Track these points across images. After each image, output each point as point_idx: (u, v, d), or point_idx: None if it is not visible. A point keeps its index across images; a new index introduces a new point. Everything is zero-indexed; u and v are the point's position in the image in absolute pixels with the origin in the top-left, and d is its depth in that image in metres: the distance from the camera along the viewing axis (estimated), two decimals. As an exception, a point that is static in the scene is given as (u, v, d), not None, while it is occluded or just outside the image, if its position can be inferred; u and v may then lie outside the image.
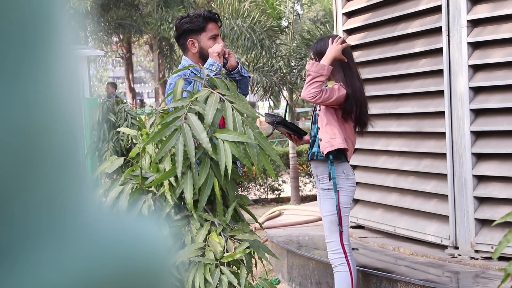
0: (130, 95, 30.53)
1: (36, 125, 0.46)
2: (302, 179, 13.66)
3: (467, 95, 5.31)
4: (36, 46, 0.46)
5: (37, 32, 0.47)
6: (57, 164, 0.49)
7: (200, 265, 2.81)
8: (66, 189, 0.50)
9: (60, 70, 0.49)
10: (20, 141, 0.45)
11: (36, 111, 0.46)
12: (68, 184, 0.50)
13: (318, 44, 4.67)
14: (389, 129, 6.25)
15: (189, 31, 4.20)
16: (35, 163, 0.47)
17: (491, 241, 5.14)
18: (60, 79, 0.48)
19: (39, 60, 0.46)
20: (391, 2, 6.38)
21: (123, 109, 5.99)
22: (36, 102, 0.46)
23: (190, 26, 4.20)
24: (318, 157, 4.53)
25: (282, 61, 12.43)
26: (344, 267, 4.53)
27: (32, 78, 0.46)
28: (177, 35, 4.26)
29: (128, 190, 2.95)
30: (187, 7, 24.88)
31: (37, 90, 0.46)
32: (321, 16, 25.23)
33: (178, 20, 4.28)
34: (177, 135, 2.83)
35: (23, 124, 0.45)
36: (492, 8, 5.21)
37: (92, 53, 24.88)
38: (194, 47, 4.21)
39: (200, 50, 4.21)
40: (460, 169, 5.39)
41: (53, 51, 0.48)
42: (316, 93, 4.37)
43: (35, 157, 0.46)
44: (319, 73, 4.38)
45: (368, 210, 6.59)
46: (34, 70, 0.46)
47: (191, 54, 4.23)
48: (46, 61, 0.47)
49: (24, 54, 0.45)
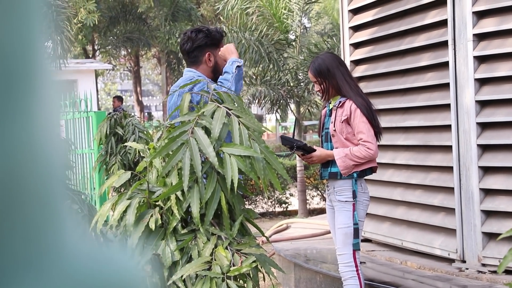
0: (138, 108, 30.61)
1: (20, 166, 0.49)
2: (310, 192, 13.65)
3: (473, 109, 5.32)
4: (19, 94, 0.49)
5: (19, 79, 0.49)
6: (40, 202, 0.51)
7: (207, 279, 2.82)
8: (48, 225, 0.52)
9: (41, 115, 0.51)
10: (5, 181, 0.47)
11: (20, 154, 0.49)
12: (51, 221, 0.53)
13: (315, 63, 4.64)
14: (396, 142, 6.26)
15: (209, 44, 4.26)
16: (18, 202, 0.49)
17: (499, 255, 5.13)
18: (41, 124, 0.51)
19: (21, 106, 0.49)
20: (398, 16, 6.41)
21: (130, 122, 6.01)
22: (19, 146, 0.49)
23: (209, 40, 4.25)
24: (341, 178, 4.53)
25: (289, 74, 12.46)
26: (355, 281, 4.52)
27: (15, 123, 0.48)
28: (191, 47, 4.26)
29: (135, 204, 2.96)
30: (194, 21, 24.98)
31: (20, 135, 0.49)
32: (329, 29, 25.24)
33: (194, 33, 4.28)
34: (184, 149, 2.85)
35: (8, 166, 0.47)
36: (498, 22, 5.23)
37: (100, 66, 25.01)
38: (210, 61, 4.27)
39: (214, 64, 4.27)
40: (467, 183, 5.38)
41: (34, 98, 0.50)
42: (365, 153, 4.45)
43: (19, 196, 0.49)
44: (346, 162, 4.47)
45: (376, 223, 6.59)
46: (17, 116, 0.48)
47: (205, 67, 4.27)
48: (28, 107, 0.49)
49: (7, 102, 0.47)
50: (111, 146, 5.95)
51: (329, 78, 4.56)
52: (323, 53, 4.82)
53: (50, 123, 0.52)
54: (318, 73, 4.58)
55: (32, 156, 0.50)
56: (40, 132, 0.51)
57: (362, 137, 4.46)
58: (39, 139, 0.51)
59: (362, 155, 4.44)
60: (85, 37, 24.67)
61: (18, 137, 0.49)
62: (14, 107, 0.48)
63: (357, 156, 4.45)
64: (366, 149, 4.44)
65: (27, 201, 0.50)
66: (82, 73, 21.89)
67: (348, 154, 4.45)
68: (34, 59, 0.51)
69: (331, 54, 4.78)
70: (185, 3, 25.39)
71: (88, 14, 18.55)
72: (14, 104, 0.48)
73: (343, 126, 4.52)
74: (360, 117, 4.47)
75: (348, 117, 4.49)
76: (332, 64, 4.57)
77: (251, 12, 12.94)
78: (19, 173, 0.49)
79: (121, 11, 25.56)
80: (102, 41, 27.01)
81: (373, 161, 4.57)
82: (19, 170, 0.49)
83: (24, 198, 0.49)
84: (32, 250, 0.50)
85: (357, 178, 4.50)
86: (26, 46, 0.50)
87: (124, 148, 5.89)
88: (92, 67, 23.23)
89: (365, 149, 4.44)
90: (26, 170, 0.49)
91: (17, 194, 0.49)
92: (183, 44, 4.28)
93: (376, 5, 6.71)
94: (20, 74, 0.49)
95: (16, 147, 0.48)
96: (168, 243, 2.93)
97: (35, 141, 0.50)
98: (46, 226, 0.52)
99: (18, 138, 0.49)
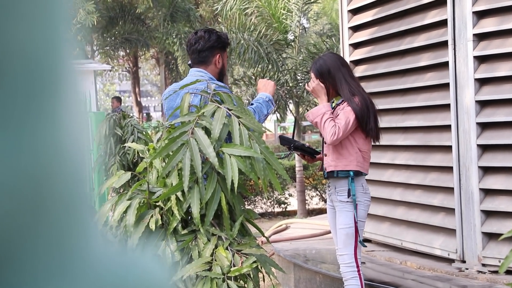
0: (137, 108, 30.59)
1: (44, 171, 0.48)
2: (309, 193, 13.65)
3: (473, 109, 5.31)
4: (43, 96, 0.48)
5: (44, 83, 0.48)
6: (65, 208, 0.51)
7: (207, 280, 2.81)
8: (74, 231, 0.52)
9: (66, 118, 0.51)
10: (30, 187, 0.47)
11: (44, 159, 0.48)
12: (76, 227, 0.52)
13: (317, 63, 4.65)
14: (395, 142, 6.25)
15: (219, 47, 4.32)
16: (44, 208, 0.49)
17: (499, 255, 5.12)
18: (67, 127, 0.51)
19: (46, 109, 0.49)
20: (397, 16, 6.40)
21: (129, 123, 6.00)
22: (43, 150, 0.48)
23: (220, 42, 4.33)
24: (339, 175, 4.53)
25: (288, 75, 12.46)
26: (356, 281, 4.52)
27: (39, 127, 0.48)
28: (204, 46, 4.28)
29: (136, 205, 2.95)
30: (193, 22, 24.97)
31: (44, 138, 0.48)
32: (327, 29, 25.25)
33: (206, 33, 4.32)
34: (184, 150, 2.84)
35: (32, 171, 0.47)
36: (499, 22, 5.22)
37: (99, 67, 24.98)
38: (219, 63, 4.33)
39: (221, 66, 4.35)
40: (467, 183, 5.38)
41: (60, 101, 0.50)
42: (333, 130, 4.40)
43: (44, 202, 0.48)
44: (319, 113, 4.46)
45: (375, 223, 6.58)
46: (42, 119, 0.48)
47: (214, 68, 4.32)
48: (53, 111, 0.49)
49: (32, 104, 0.47)
50: (110, 146, 5.94)
51: (329, 80, 4.56)
52: (326, 54, 4.81)
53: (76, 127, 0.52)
54: (320, 74, 4.58)
55: (58, 161, 0.50)
56: (66, 137, 0.50)
57: (339, 122, 4.43)
58: (65, 144, 0.50)
59: (328, 130, 4.41)
60: (84, 37, 24.66)
61: (44, 142, 0.48)
62: (40, 110, 0.48)
63: (324, 125, 4.43)
64: (335, 130, 4.40)
65: (53, 207, 0.49)
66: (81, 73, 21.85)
67: (323, 116, 4.43)
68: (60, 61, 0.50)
69: (334, 55, 4.77)
70: (183, 3, 25.37)
71: (87, 15, 18.54)
72: (41, 108, 0.48)
73: None
74: (348, 111, 4.46)
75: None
76: (334, 66, 4.56)
77: (250, 13, 12.94)
78: (45, 178, 0.48)
79: (119, 11, 25.54)
80: (100, 42, 26.99)
81: (366, 167, 4.56)
82: (45, 175, 0.48)
83: (50, 204, 0.49)
84: (58, 256, 0.50)
85: (353, 177, 4.49)
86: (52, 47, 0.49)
87: (123, 149, 5.88)
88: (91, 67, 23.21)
89: (335, 129, 4.41)
90: (52, 175, 0.49)
91: (43, 200, 0.48)
92: (195, 43, 4.30)
93: (375, 5, 6.70)
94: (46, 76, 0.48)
95: (42, 152, 0.48)
96: (168, 243, 2.93)
97: (61, 146, 0.50)
98: (72, 232, 0.52)
99: (44, 143, 0.48)
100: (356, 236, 4.51)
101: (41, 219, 0.48)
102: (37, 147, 0.47)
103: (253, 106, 4.23)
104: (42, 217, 0.48)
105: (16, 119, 0.46)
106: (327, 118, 4.43)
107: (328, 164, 4.56)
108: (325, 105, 4.51)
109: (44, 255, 0.49)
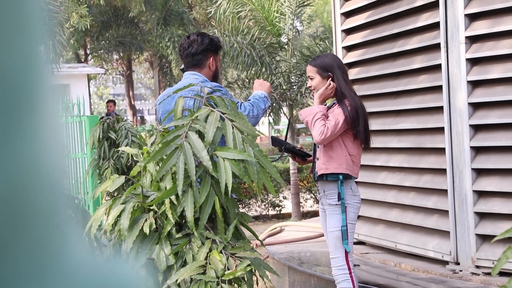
0: (131, 112, 30.55)
1: (22, 182, 0.50)
2: (303, 195, 13.66)
3: (466, 111, 5.33)
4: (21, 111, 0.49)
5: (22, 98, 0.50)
6: (43, 217, 0.52)
7: (202, 283, 2.82)
8: (52, 239, 0.53)
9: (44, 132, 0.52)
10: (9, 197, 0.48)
11: (22, 170, 0.50)
12: (54, 235, 0.53)
13: (317, 59, 4.68)
14: (389, 145, 6.26)
15: (212, 50, 4.37)
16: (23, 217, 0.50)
17: (492, 257, 5.14)
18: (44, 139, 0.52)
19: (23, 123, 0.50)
20: (390, 19, 6.42)
21: (123, 126, 6.00)
22: (22, 162, 0.50)
23: (213, 45, 4.38)
24: (328, 179, 4.54)
25: (282, 78, 12.47)
26: (348, 283, 4.53)
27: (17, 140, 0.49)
28: (197, 49, 4.31)
29: (130, 209, 2.95)
30: (186, 25, 24.96)
31: (22, 151, 0.50)
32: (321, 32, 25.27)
33: (200, 37, 4.36)
34: (178, 154, 2.84)
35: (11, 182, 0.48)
36: (491, 25, 5.24)
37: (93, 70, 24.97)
38: (213, 65, 4.37)
39: (215, 69, 4.39)
40: (460, 185, 5.39)
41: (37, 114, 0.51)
42: (322, 129, 4.41)
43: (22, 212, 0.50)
44: (311, 112, 4.47)
45: (369, 226, 6.59)
46: (19, 133, 0.49)
47: (208, 71, 4.37)
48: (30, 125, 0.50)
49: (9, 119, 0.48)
50: (104, 150, 5.94)
51: (326, 76, 4.59)
52: (327, 53, 4.90)
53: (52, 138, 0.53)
54: (320, 68, 4.60)
55: (35, 172, 0.51)
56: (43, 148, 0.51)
57: (329, 123, 4.44)
58: (42, 155, 0.51)
59: (318, 128, 4.42)
60: (77, 41, 24.63)
61: (21, 153, 0.49)
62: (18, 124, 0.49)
63: (315, 125, 4.44)
64: (325, 130, 4.42)
65: (31, 216, 0.50)
66: (75, 77, 21.85)
67: (315, 116, 4.44)
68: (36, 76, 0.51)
69: (333, 55, 4.89)
70: (177, 7, 25.35)
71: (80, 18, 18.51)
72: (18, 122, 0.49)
73: None
74: (339, 113, 4.47)
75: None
76: (332, 64, 4.60)
77: (244, 16, 12.95)
78: (23, 188, 0.49)
79: (113, 15, 25.51)
80: (94, 46, 26.96)
81: (355, 170, 4.57)
82: (23, 185, 0.49)
83: (28, 213, 0.50)
84: (36, 263, 0.51)
85: (343, 180, 4.50)
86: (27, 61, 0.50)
87: (117, 153, 5.88)
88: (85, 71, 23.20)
89: (325, 128, 4.42)
90: (30, 185, 0.50)
91: (21, 209, 0.49)
92: (188, 47, 4.32)
93: (368, 8, 6.72)
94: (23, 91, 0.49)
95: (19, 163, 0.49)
96: (162, 247, 2.93)
97: (38, 157, 0.51)
98: (50, 240, 0.53)
99: (21, 154, 0.49)
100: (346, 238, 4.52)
101: (20, 228, 0.49)
102: (16, 159, 0.49)
103: (251, 101, 4.27)
104: (21, 226, 0.49)
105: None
106: (318, 118, 4.45)
107: (319, 168, 4.57)
108: (319, 106, 4.53)
109: (24, 263, 0.50)
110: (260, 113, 4.29)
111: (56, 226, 0.53)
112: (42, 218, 0.52)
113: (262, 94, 4.37)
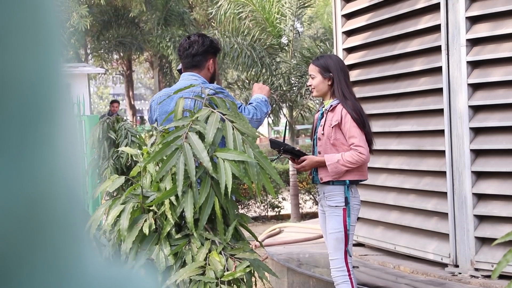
0: (131, 112, 30.55)
1: (40, 194, 0.50)
2: (302, 196, 13.65)
3: (466, 114, 5.33)
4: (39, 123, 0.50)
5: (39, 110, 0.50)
6: (61, 229, 0.52)
7: (201, 284, 2.81)
8: (69, 252, 0.53)
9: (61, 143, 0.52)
10: (26, 209, 0.48)
11: (40, 182, 0.50)
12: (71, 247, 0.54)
13: (321, 59, 4.68)
14: (389, 147, 6.26)
15: (212, 52, 4.37)
16: (40, 229, 0.50)
17: (492, 260, 5.14)
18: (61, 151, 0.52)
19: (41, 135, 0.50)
20: (391, 21, 6.42)
21: (123, 126, 5.99)
22: (39, 174, 0.50)
23: (213, 47, 4.38)
24: (334, 184, 4.53)
25: (282, 79, 12.46)
26: (347, 285, 4.52)
27: (35, 152, 0.49)
28: (198, 50, 4.30)
29: (129, 209, 2.95)
30: (187, 25, 24.96)
31: (40, 162, 0.50)
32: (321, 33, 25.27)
33: (200, 37, 4.36)
34: (178, 154, 2.84)
35: (29, 193, 0.48)
36: (492, 27, 5.24)
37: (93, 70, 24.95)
38: (212, 67, 4.37)
39: (213, 71, 4.40)
40: (460, 187, 5.39)
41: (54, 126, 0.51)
42: (356, 157, 4.43)
43: (40, 224, 0.50)
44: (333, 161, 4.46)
45: (369, 228, 6.59)
46: (37, 144, 0.49)
47: (206, 72, 4.36)
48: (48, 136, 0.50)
49: (28, 131, 0.48)
50: (103, 150, 5.94)
51: (328, 77, 4.59)
52: (331, 54, 4.94)
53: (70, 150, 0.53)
54: (322, 68, 4.60)
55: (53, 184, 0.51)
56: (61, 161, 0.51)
57: (354, 141, 4.45)
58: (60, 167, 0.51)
59: (354, 160, 4.44)
60: (78, 41, 24.63)
61: (40, 166, 0.50)
62: (36, 136, 0.49)
63: (349, 162, 4.44)
64: (358, 153, 4.44)
65: (48, 228, 0.51)
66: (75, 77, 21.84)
67: (340, 159, 4.44)
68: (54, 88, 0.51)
69: (338, 57, 4.89)
70: (177, 7, 25.36)
71: (80, 18, 18.52)
72: (36, 134, 0.49)
73: (332, 131, 4.52)
74: (351, 122, 4.48)
75: (339, 122, 4.49)
76: (336, 66, 4.60)
77: (244, 17, 12.95)
78: (41, 200, 0.49)
79: (113, 15, 25.52)
80: (94, 45, 26.97)
81: (363, 173, 4.57)
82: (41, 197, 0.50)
83: (45, 225, 0.50)
84: (52, 276, 0.51)
85: (349, 185, 4.51)
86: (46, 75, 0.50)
87: (116, 153, 5.88)
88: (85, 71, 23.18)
89: (357, 154, 4.44)
90: (48, 197, 0.50)
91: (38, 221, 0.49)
92: (188, 47, 4.31)
93: (369, 10, 6.72)
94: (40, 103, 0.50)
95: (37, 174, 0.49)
96: (162, 248, 2.93)
97: (56, 169, 0.51)
98: (66, 253, 0.53)
99: (39, 167, 0.50)
100: (346, 240, 4.52)
101: (37, 240, 0.49)
102: (33, 171, 0.49)
103: (254, 105, 4.27)
104: (38, 238, 0.49)
105: (13, 145, 0.47)
106: (341, 157, 4.45)
107: (324, 174, 4.54)
108: (324, 156, 4.52)
109: (41, 275, 0.50)
110: (263, 116, 4.29)
111: (73, 239, 0.54)
112: (59, 230, 0.52)
113: (263, 98, 4.37)
